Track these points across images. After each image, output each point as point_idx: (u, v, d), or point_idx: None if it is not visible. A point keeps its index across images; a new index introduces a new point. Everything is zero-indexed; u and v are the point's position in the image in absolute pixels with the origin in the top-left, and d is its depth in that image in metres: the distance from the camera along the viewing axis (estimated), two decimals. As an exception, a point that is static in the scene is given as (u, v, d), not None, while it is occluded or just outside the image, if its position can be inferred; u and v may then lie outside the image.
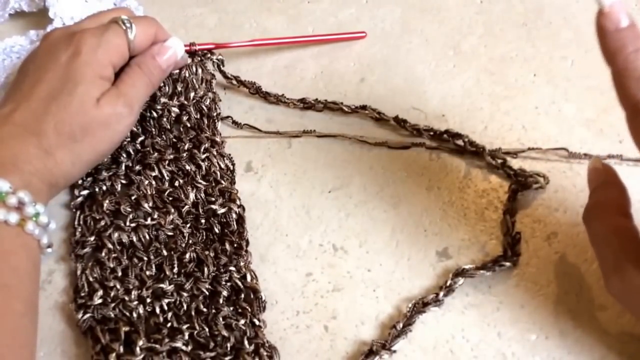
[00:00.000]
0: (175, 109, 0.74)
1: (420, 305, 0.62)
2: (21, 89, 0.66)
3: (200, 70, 0.77)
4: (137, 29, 0.69)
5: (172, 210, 0.68)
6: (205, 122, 0.74)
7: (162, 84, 0.75)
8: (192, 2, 0.89)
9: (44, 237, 0.61)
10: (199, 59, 0.78)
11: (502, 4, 0.87)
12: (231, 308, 0.62)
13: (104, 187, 0.70)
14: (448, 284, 0.63)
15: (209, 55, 0.78)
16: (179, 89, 0.75)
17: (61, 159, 0.63)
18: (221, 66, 0.79)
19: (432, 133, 0.74)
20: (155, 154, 0.72)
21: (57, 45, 0.68)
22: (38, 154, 0.62)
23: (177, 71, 0.76)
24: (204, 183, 0.70)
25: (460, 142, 0.73)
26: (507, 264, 0.64)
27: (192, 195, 0.69)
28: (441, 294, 0.63)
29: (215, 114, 0.76)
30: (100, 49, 0.67)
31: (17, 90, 0.66)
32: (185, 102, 0.75)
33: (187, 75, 0.76)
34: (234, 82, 0.78)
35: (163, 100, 0.74)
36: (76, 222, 0.68)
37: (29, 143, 0.62)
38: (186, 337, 0.60)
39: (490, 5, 0.86)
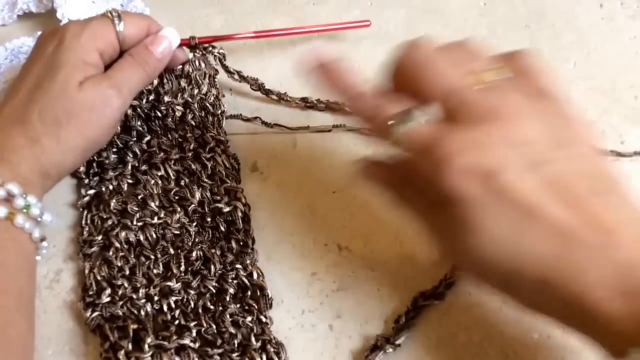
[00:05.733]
0: (180, 108, 0.74)
1: (422, 299, 0.63)
2: (13, 85, 0.67)
3: (203, 65, 0.77)
4: (126, 20, 0.69)
5: (179, 209, 0.69)
6: (210, 119, 0.75)
7: (165, 81, 0.75)
8: (198, 3, 0.89)
9: (35, 231, 0.61)
10: (201, 53, 0.77)
11: (505, 6, 0.87)
12: (238, 305, 0.63)
13: (111, 187, 0.70)
14: (448, 277, 0.64)
15: (210, 49, 0.78)
16: (182, 84, 0.76)
17: (48, 146, 0.62)
18: (223, 60, 0.78)
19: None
20: (161, 153, 0.72)
21: (45, 40, 0.68)
22: (24, 142, 0.62)
23: (180, 67, 0.76)
24: (210, 182, 0.70)
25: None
26: None
27: (197, 194, 0.69)
28: (441, 287, 0.64)
29: (219, 112, 0.76)
30: (83, 35, 0.67)
31: (10, 88, 0.67)
32: (190, 100, 0.75)
33: (190, 70, 0.76)
34: (236, 76, 0.78)
35: (167, 99, 0.74)
36: (83, 222, 0.69)
37: (15, 133, 0.62)
38: (194, 334, 0.60)
39: (493, 8, 0.87)
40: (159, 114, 0.74)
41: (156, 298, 0.63)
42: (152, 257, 0.66)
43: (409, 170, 0.54)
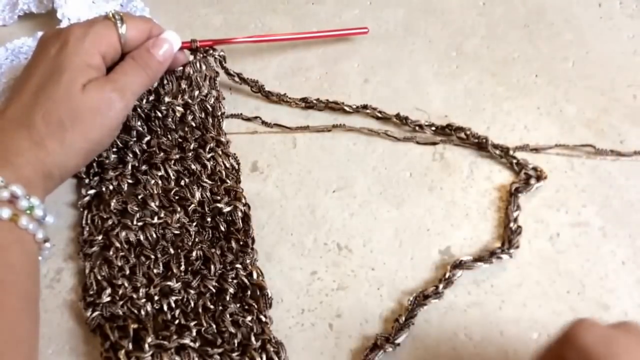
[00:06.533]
0: (180, 108, 0.74)
1: (421, 298, 0.63)
2: (15, 87, 0.67)
3: (204, 67, 0.77)
4: (128, 24, 0.69)
5: (179, 209, 0.69)
6: (210, 121, 0.75)
7: (165, 82, 0.75)
8: (197, 2, 0.90)
9: (39, 232, 0.61)
10: (202, 55, 0.77)
11: (504, 5, 0.87)
12: (238, 305, 0.63)
13: (111, 187, 0.70)
14: (447, 276, 0.64)
15: (211, 51, 0.78)
16: (183, 86, 0.75)
17: (52, 149, 0.62)
18: (223, 62, 0.78)
19: (434, 128, 0.75)
20: (162, 153, 0.72)
21: (48, 42, 0.68)
22: (28, 145, 0.61)
23: (181, 68, 0.76)
24: (210, 182, 0.70)
25: (462, 135, 0.74)
26: (504, 256, 0.65)
27: (197, 194, 0.69)
28: (440, 286, 0.64)
29: (219, 113, 0.76)
30: (87, 38, 0.67)
31: (13, 90, 0.67)
32: (190, 101, 0.75)
33: (190, 72, 0.76)
34: (237, 79, 0.78)
35: (167, 99, 0.74)
36: (84, 222, 0.69)
37: (19, 135, 0.62)
38: (194, 333, 0.61)
39: (492, 7, 0.87)
40: (159, 115, 0.74)
41: (156, 298, 0.63)
42: (152, 256, 0.66)
43: None
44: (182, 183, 0.70)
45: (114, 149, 0.72)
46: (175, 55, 0.73)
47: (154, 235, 0.67)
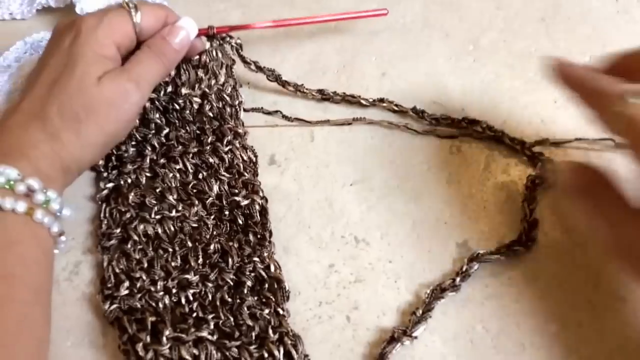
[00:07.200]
0: (197, 99, 0.74)
1: (438, 291, 0.63)
2: (30, 79, 0.67)
3: (220, 55, 0.77)
4: (143, 12, 0.69)
5: (197, 202, 0.69)
6: (228, 110, 0.75)
7: (182, 72, 0.75)
8: (215, -3, 0.90)
9: (54, 226, 0.60)
10: (218, 42, 0.77)
11: (521, -1, 0.87)
12: (255, 298, 0.63)
13: (129, 180, 0.70)
14: (464, 269, 0.64)
15: (227, 39, 0.77)
16: (200, 74, 0.75)
17: (68, 141, 0.62)
18: (240, 50, 0.78)
19: (450, 121, 0.75)
20: (180, 147, 0.72)
21: (61, 32, 0.67)
22: (44, 138, 0.61)
23: (197, 57, 0.76)
24: (228, 175, 0.71)
25: (479, 129, 0.74)
26: (521, 249, 0.65)
27: (215, 188, 0.70)
28: (457, 279, 0.64)
29: (237, 102, 0.76)
30: (100, 28, 0.66)
31: (28, 82, 0.67)
32: (207, 90, 0.75)
33: (207, 60, 0.76)
34: (253, 67, 0.78)
35: (184, 91, 0.74)
36: (102, 215, 0.69)
37: (34, 128, 0.61)
38: (212, 326, 0.61)
39: (509, 1, 0.87)
40: (177, 107, 0.74)
41: (174, 291, 0.63)
42: (170, 250, 0.66)
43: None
44: (200, 176, 0.71)
45: (133, 142, 0.72)
46: (192, 43, 0.73)
47: (172, 229, 0.67)
